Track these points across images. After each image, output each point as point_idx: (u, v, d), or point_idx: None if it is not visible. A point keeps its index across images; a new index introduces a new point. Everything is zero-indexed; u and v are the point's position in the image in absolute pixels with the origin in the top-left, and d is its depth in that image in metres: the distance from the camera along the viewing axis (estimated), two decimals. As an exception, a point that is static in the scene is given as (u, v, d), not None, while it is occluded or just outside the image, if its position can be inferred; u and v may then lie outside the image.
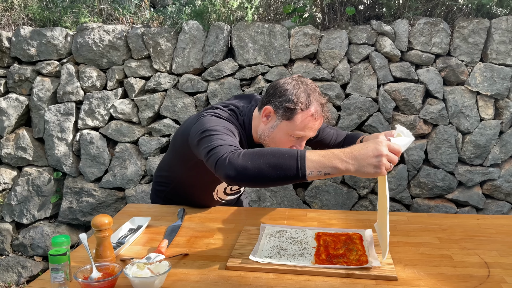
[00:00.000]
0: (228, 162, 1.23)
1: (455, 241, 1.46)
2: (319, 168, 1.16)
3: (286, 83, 1.51)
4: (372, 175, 1.16)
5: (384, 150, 1.15)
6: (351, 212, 1.77)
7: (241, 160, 1.22)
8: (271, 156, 1.20)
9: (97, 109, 3.04)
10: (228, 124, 1.51)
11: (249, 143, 1.61)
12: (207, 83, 2.93)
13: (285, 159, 1.18)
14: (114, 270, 1.19)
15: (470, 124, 2.81)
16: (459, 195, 2.88)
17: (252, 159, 1.21)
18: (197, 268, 1.29)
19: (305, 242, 1.42)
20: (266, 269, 1.26)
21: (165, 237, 1.49)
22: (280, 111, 1.50)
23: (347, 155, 1.16)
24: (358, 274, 1.22)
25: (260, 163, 1.19)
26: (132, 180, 3.08)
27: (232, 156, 1.24)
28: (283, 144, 1.53)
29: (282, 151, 1.21)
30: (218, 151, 1.29)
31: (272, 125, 1.53)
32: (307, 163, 1.17)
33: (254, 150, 1.24)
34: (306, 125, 1.49)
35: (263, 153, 1.22)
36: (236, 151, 1.26)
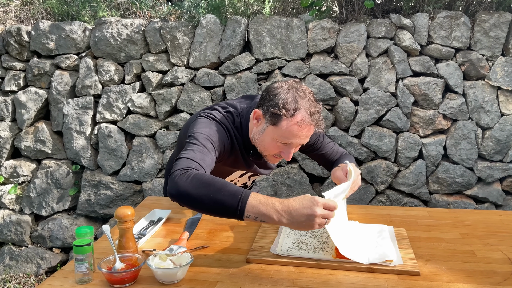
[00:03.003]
0: (175, 181, 1.25)
1: (477, 237, 1.45)
2: (257, 214, 1.20)
3: (278, 87, 1.47)
4: (304, 229, 1.21)
5: (317, 211, 1.18)
6: (371, 207, 1.76)
7: (187, 184, 1.23)
8: (216, 191, 1.21)
9: (115, 103, 3.06)
10: (218, 130, 1.51)
11: (245, 145, 1.60)
12: (224, 77, 2.94)
13: (228, 197, 1.20)
14: (136, 261, 1.20)
15: (491, 120, 2.77)
16: (478, 191, 2.84)
17: (198, 187, 1.22)
18: (218, 260, 1.29)
19: (326, 236, 1.42)
20: (287, 262, 1.26)
21: (185, 229, 1.50)
22: (267, 116, 1.46)
23: (283, 209, 1.20)
24: (380, 268, 1.21)
25: (203, 194, 1.21)
26: (149, 174, 3.10)
27: (182, 176, 1.25)
28: (271, 148, 1.50)
29: (228, 187, 1.22)
30: (178, 163, 1.32)
31: (261, 129, 1.50)
32: (247, 207, 1.19)
33: (204, 177, 1.25)
34: (291, 132, 1.43)
35: (210, 184, 1.23)
36: (189, 172, 1.26)
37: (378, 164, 2.86)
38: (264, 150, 1.53)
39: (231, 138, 1.55)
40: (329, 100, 2.84)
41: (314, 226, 1.19)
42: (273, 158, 1.55)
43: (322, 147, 1.82)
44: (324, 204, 1.20)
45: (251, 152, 1.61)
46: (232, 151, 1.58)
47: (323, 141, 1.82)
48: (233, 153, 1.58)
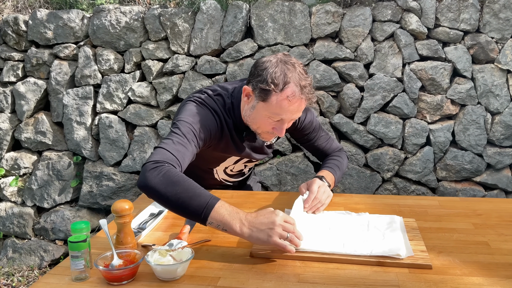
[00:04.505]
0: (145, 174, 1.25)
1: (491, 226, 1.39)
2: (219, 222, 1.20)
3: (266, 61, 1.42)
4: (265, 242, 1.19)
5: (277, 220, 1.19)
6: (378, 197, 1.70)
7: (156, 180, 1.23)
8: (184, 192, 1.21)
9: (115, 93, 3.00)
10: (205, 116, 1.47)
11: (237, 126, 1.55)
12: (225, 64, 2.87)
13: (194, 201, 1.21)
14: (135, 257, 1.15)
15: (500, 104, 2.69)
16: (488, 178, 2.78)
17: (166, 185, 1.22)
18: (220, 255, 1.24)
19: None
20: (292, 256, 1.21)
21: (186, 222, 1.44)
22: (257, 92, 1.42)
23: (246, 219, 1.21)
24: (390, 262, 1.16)
25: (171, 193, 1.21)
26: (151, 164, 3.05)
27: (153, 170, 1.25)
28: (263, 125, 1.47)
29: (196, 191, 1.22)
30: (154, 153, 1.31)
31: (252, 106, 1.46)
32: (212, 214, 1.20)
33: (174, 175, 1.24)
34: (282, 107, 1.39)
35: (179, 183, 1.22)
36: (161, 167, 1.25)
37: (385, 152, 2.79)
38: (257, 128, 1.50)
39: (220, 123, 1.51)
40: (333, 86, 2.77)
41: (273, 236, 1.17)
42: (267, 135, 1.52)
43: (317, 139, 1.79)
44: (284, 217, 1.21)
45: (244, 133, 1.57)
46: (223, 136, 1.54)
47: (318, 132, 1.78)
48: (223, 138, 1.55)
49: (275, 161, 2.93)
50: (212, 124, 1.48)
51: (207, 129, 1.46)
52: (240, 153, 1.64)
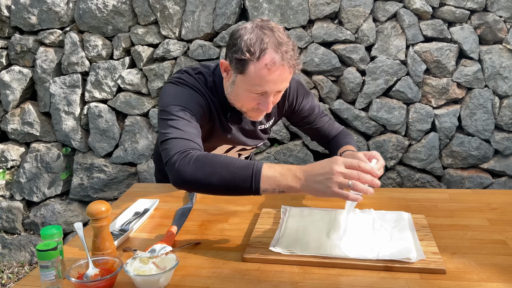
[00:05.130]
0: (177, 169, 1.14)
1: (508, 222, 1.26)
2: (274, 187, 1.07)
3: (241, 29, 1.26)
4: (325, 194, 1.04)
5: (335, 168, 1.03)
6: (383, 190, 1.57)
7: (190, 170, 1.12)
8: (224, 169, 1.10)
9: (104, 80, 2.86)
10: (190, 94, 1.33)
11: (222, 106, 1.40)
12: (219, 49, 2.72)
13: (238, 173, 1.09)
14: (113, 265, 1.03)
15: (509, 87, 2.56)
16: (495, 165, 2.65)
17: (203, 169, 1.11)
18: (210, 260, 1.12)
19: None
20: (289, 261, 1.08)
21: (174, 222, 1.32)
22: (233, 64, 1.26)
23: (301, 172, 1.07)
24: (398, 267, 1.04)
25: (211, 176, 1.10)
26: (143, 155, 2.93)
27: (182, 161, 1.14)
28: (246, 101, 1.31)
29: (236, 163, 1.10)
30: (170, 147, 1.19)
31: (232, 81, 1.31)
32: (262, 179, 1.07)
33: (206, 157, 1.13)
34: (262, 77, 1.22)
35: (216, 163, 1.11)
36: (187, 154, 1.15)
37: (388, 139, 2.66)
38: (241, 106, 1.34)
39: (206, 101, 1.37)
40: (333, 70, 2.62)
41: (332, 187, 1.02)
42: (253, 113, 1.36)
43: (317, 121, 1.65)
44: (345, 162, 1.05)
45: (228, 113, 1.42)
46: (211, 116, 1.40)
47: (318, 114, 1.64)
48: (211, 120, 1.41)
49: (273, 150, 2.80)
50: (201, 100, 1.35)
51: (198, 105, 1.33)
52: (229, 137, 1.49)
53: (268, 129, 1.61)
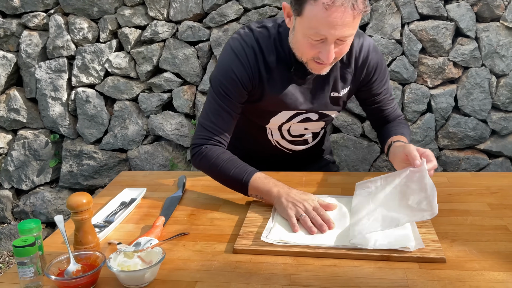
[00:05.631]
0: (191, 159, 1.37)
1: (509, 207, 1.22)
2: (257, 192, 1.26)
3: None
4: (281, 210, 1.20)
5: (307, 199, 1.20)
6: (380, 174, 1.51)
7: (200, 165, 1.35)
8: (222, 178, 1.33)
9: (91, 64, 2.77)
10: (239, 62, 1.28)
11: (282, 61, 1.29)
12: (209, 30, 2.63)
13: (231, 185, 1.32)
14: (96, 261, 0.97)
15: (506, 66, 2.49)
16: (492, 145, 2.61)
17: (208, 170, 1.35)
18: (198, 252, 1.07)
19: None
20: (282, 252, 1.03)
21: (162, 212, 1.27)
22: (292, 5, 1.17)
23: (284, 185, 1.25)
24: (396, 256, 0.99)
25: (214, 175, 1.35)
26: (134, 141, 2.86)
27: (194, 156, 1.35)
28: (305, 49, 1.18)
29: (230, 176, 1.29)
30: (196, 131, 1.37)
31: (293, 27, 1.21)
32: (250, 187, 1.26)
33: (211, 158, 1.31)
34: (319, 19, 1.10)
35: (215, 171, 1.32)
36: (199, 151, 1.33)
37: (383, 120, 2.60)
38: (301, 55, 1.22)
39: (255, 67, 1.29)
40: (327, 51, 2.55)
41: (289, 209, 1.16)
42: (314, 64, 1.22)
43: (385, 103, 1.50)
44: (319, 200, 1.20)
45: (292, 67, 1.30)
46: (261, 82, 1.31)
47: (388, 96, 1.49)
48: (262, 84, 1.32)
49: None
50: (242, 75, 1.28)
51: (237, 83, 1.29)
52: (290, 99, 1.34)
53: (340, 99, 1.42)
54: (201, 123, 1.35)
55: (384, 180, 1.25)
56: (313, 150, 1.66)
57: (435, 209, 1.05)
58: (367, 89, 1.44)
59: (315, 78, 1.32)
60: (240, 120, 1.46)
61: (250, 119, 1.48)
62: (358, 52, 1.34)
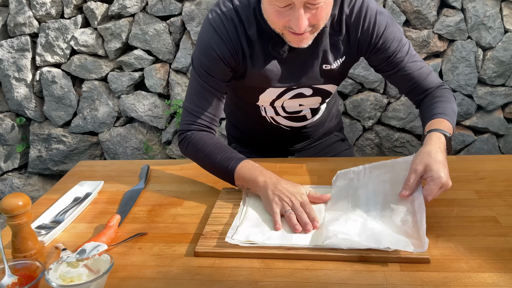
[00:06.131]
0: (179, 144, 1.27)
1: (498, 194, 1.12)
2: (244, 182, 1.14)
3: None
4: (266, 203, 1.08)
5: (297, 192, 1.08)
6: (359, 160, 1.41)
7: (185, 152, 1.25)
8: (208, 166, 1.21)
9: (56, 42, 2.59)
10: (214, 42, 1.15)
11: (263, 34, 1.15)
12: (181, 3, 2.47)
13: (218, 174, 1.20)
14: (36, 271, 0.85)
15: (493, 38, 2.39)
16: (478, 121, 2.53)
17: (194, 157, 1.24)
18: (156, 256, 0.95)
19: None
20: (249, 254, 0.92)
21: (119, 208, 1.14)
22: None
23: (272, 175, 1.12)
24: (375, 257, 0.88)
25: (202, 165, 1.23)
26: (105, 123, 2.71)
27: (180, 143, 1.25)
28: (275, 19, 1.05)
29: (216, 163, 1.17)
30: (182, 118, 1.26)
31: None
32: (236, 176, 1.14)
33: (196, 148, 1.20)
34: None
35: (201, 158, 1.21)
36: (185, 137, 1.23)
37: (365, 97, 2.49)
38: (272, 25, 1.09)
39: (244, 33, 1.15)
40: (306, 25, 2.41)
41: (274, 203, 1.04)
42: (291, 36, 1.07)
43: (404, 66, 1.21)
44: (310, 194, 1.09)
45: (271, 41, 1.16)
46: (244, 57, 1.18)
47: (406, 56, 1.21)
48: (246, 59, 1.19)
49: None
50: (223, 51, 1.15)
51: (219, 61, 1.16)
52: (276, 74, 1.21)
53: (336, 72, 1.24)
54: (185, 107, 1.24)
55: (368, 172, 1.14)
56: (317, 127, 1.49)
57: (424, 243, 0.88)
58: (374, 54, 1.21)
59: (300, 50, 1.15)
60: (233, 97, 1.44)
61: (240, 96, 1.38)
62: (348, 14, 1.16)
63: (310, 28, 1.06)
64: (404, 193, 1.00)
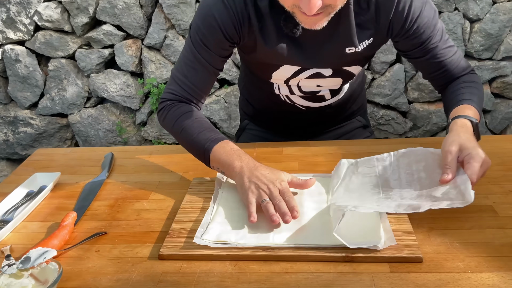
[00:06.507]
0: (157, 115, 1.17)
1: (493, 180, 1.03)
2: (218, 165, 1.02)
3: None
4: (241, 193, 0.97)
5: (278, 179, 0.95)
6: (343, 143, 1.30)
7: (163, 124, 1.15)
8: (184, 143, 1.10)
9: (18, 18, 2.41)
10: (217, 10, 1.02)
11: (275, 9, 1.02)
12: (151, -26, 2.31)
13: (194, 152, 1.08)
14: (-27, 283, 0.73)
15: (480, 9, 2.28)
16: (465, 97, 2.44)
17: (172, 132, 1.13)
18: (115, 260, 0.84)
19: None
20: (221, 256, 0.82)
21: (77, 203, 1.03)
22: None
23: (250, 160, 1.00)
24: (362, 256, 0.79)
25: (178, 141, 1.12)
26: (74, 104, 2.56)
27: (159, 112, 1.15)
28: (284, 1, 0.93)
29: (193, 140, 1.06)
30: (166, 86, 1.15)
31: None
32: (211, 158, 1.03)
33: (174, 121, 1.10)
34: None
35: (177, 133, 1.10)
36: (163, 107, 1.13)
37: (349, 73, 2.38)
38: (285, 5, 0.95)
39: (254, 4, 1.02)
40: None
41: (249, 192, 0.92)
42: (302, 16, 0.94)
43: (437, 53, 1.10)
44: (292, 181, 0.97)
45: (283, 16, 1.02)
46: (260, 25, 1.05)
47: (440, 42, 1.09)
48: (263, 28, 1.05)
49: (223, 92, 2.48)
50: (225, 22, 1.02)
51: (218, 32, 1.04)
52: (285, 52, 1.08)
53: (361, 55, 1.11)
54: (173, 74, 1.13)
55: (395, 160, 1.02)
56: (338, 109, 1.34)
57: (468, 197, 0.82)
58: (406, 40, 1.09)
59: (316, 30, 0.99)
60: (246, 71, 1.33)
61: (252, 71, 1.26)
62: None
63: (324, 8, 0.91)
64: (446, 178, 0.88)
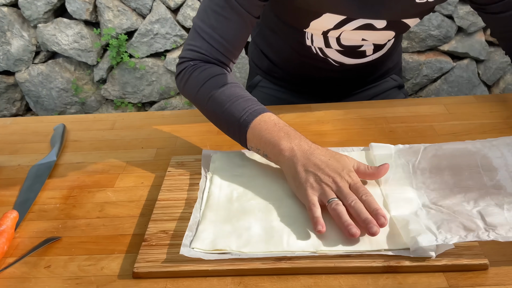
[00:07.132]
0: (177, 81, 0.89)
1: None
2: (259, 145, 0.76)
3: None
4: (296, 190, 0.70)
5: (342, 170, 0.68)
6: (350, 105, 1.08)
7: (185, 92, 0.87)
8: (212, 115, 0.83)
9: None
10: None
11: None
12: None
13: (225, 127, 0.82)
14: None
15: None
16: (457, 45, 2.26)
17: (195, 102, 0.86)
18: (72, 280, 0.61)
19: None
20: (219, 272, 0.60)
21: (19, 196, 0.78)
22: None
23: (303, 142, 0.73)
24: (408, 266, 0.59)
25: (204, 113, 0.85)
26: (21, 60, 2.24)
27: (178, 76, 0.88)
28: None
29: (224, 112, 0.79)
30: (187, 39, 0.89)
31: None
32: (248, 136, 0.76)
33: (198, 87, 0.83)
34: None
35: (203, 103, 0.83)
36: (185, 69, 0.86)
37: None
38: None
39: None
40: None
41: (309, 188, 0.67)
42: None
43: None
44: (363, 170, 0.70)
45: None
46: None
47: None
48: None
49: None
50: None
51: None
52: None
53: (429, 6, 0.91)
54: (195, 25, 0.87)
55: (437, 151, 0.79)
56: (375, 66, 1.14)
57: None
58: None
59: None
60: (269, 15, 1.04)
61: (281, 17, 1.01)
62: None
63: None
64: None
